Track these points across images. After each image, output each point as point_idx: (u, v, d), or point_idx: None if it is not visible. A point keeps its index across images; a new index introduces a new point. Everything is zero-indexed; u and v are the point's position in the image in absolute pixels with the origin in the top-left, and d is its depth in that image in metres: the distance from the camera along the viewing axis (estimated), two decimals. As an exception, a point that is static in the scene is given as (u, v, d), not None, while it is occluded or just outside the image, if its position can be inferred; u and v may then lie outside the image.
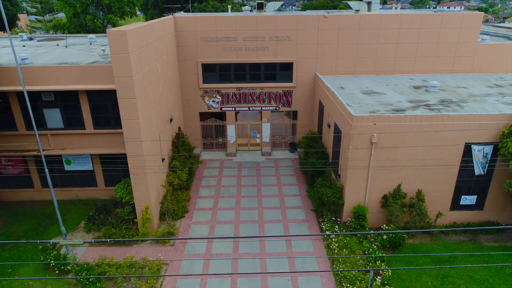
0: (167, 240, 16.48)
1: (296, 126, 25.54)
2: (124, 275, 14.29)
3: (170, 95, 20.92)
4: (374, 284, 13.57)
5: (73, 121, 18.01)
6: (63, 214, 18.23)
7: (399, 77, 23.10)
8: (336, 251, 15.41)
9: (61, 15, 53.14)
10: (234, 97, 24.26)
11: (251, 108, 24.68)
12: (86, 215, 18.33)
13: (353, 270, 13.86)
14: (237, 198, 20.10)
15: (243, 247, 16.31)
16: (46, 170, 14.78)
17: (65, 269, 14.64)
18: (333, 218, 17.24)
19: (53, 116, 18.03)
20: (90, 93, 17.39)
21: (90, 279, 13.69)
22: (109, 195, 19.52)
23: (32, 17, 59.68)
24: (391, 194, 16.42)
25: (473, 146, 15.90)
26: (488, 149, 15.95)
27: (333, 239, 15.93)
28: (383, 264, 14.34)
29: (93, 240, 15.61)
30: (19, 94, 17.27)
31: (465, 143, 15.84)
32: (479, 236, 16.74)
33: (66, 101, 17.64)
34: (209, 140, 25.86)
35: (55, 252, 15.00)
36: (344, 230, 16.54)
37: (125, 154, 15.98)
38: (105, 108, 17.68)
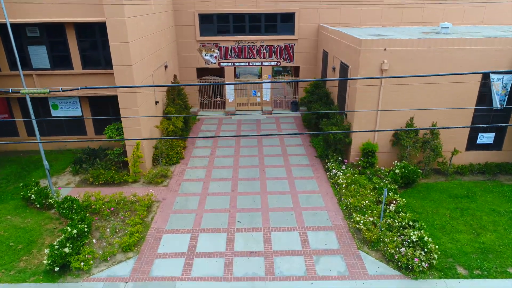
0: (160, 180, 15.18)
1: (297, 84, 24.31)
2: (112, 208, 12.99)
3: (164, 41, 19.69)
4: (388, 211, 12.27)
5: (60, 60, 16.77)
6: (50, 161, 16.94)
7: (407, 28, 21.89)
8: (344, 186, 14.11)
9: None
10: (233, 51, 23.05)
11: (250, 63, 23.45)
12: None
13: (363, 200, 12.59)
14: (236, 147, 18.83)
15: (243, 186, 15.02)
16: (31, 110, 13.39)
17: (47, 203, 13.34)
18: (339, 158, 15.95)
19: (39, 55, 16.80)
20: (78, 28, 16.16)
21: (74, 209, 12.38)
22: (100, 145, 18.23)
23: None
24: (402, 133, 15.14)
25: (492, 75, 14.66)
26: (508, 78, 14.71)
27: (340, 177, 14.64)
28: (396, 195, 13.05)
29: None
30: (2, 28, 16.04)
31: (483, 71, 14.58)
32: (498, 176, 15.46)
33: (53, 36, 16.41)
34: (207, 99, 24.61)
35: (36, 188, 13.71)
36: (352, 170, 15.25)
37: (116, 97, 14.81)
38: (95, 45, 16.45)
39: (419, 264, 10.00)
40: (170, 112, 18.48)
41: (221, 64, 23.39)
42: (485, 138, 15.81)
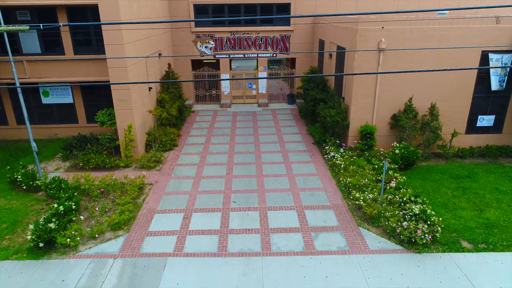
0: (152, 164, 14.71)
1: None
2: (102, 190, 12.48)
3: (158, 30, 19.39)
4: (388, 187, 11.86)
5: (51, 45, 16.40)
6: (39, 149, 16.44)
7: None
8: (342, 167, 13.71)
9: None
10: (228, 42, 22.80)
11: (246, 55, 23.20)
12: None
13: (362, 179, 12.17)
14: (231, 136, 18.42)
15: (238, 170, 14.58)
16: (21, 97, 12.96)
17: (34, 184, 12.81)
18: (337, 141, 15.58)
19: (30, 40, 16.41)
20: (70, 11, 15.83)
21: (62, 188, 11.86)
22: (91, 132, 17.76)
23: None
24: (401, 111, 14.85)
25: (491, 55, 14.45)
26: (507, 58, 14.50)
27: (337, 159, 14.25)
28: (396, 174, 12.65)
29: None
30: (-10, 9, 15.67)
31: (482, 51, 14.38)
32: (499, 159, 15.13)
33: (44, 20, 16.01)
34: (202, 91, 24.26)
35: (23, 171, 13.18)
36: (350, 153, 14.86)
37: (109, 82, 14.43)
38: (87, 29, 16.09)
39: (422, 237, 9.57)
40: (164, 99, 18.09)
41: (217, 56, 23.11)
42: (485, 120, 15.53)
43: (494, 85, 14.82)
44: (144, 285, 8.70)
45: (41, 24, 5.49)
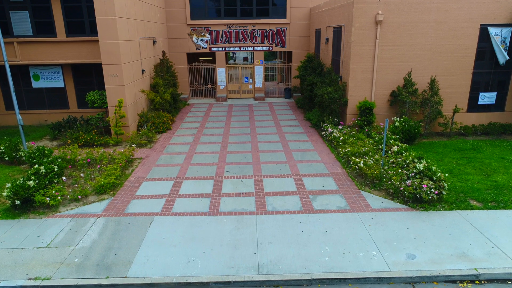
0: (144, 142, 14.13)
1: (290, 70, 23.80)
2: (88, 160, 11.84)
3: (153, 17, 19.22)
4: (390, 153, 11.27)
5: (43, 26, 16.10)
6: (28, 133, 15.89)
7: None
8: (341, 139, 13.15)
9: None
10: (224, 35, 22.66)
11: (242, 48, 23.01)
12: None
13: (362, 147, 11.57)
14: (226, 122, 17.91)
15: (233, 147, 13.99)
16: (11, 82, 12.50)
17: (17, 155, 12.17)
18: (335, 119, 15.08)
19: (21, 21, 16.13)
20: (63, -10, 15.66)
21: (46, 155, 11.21)
22: (81, 116, 17.23)
23: None
24: (401, 87, 14.44)
25: (490, 29, 14.20)
26: (507, 32, 14.25)
27: (336, 133, 13.71)
28: (397, 143, 12.07)
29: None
30: (-18, -12, 15.49)
31: (481, 24, 14.14)
32: (503, 136, 14.62)
33: (36, 1, 15.83)
34: (198, 86, 23.92)
35: (7, 143, 12.55)
36: (349, 129, 14.34)
37: (101, 65, 14.05)
38: (80, 11, 15.86)
39: (428, 192, 8.92)
40: (158, 83, 17.69)
41: (212, 48, 22.92)
42: (487, 98, 15.11)
43: (502, 58, 14.39)
44: (127, 240, 7.97)
45: None
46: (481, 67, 14.70)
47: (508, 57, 14.22)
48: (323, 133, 14.76)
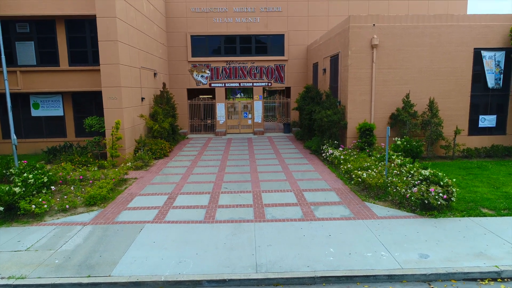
0: (140, 164, 13.76)
1: (289, 105, 24.02)
2: (81, 177, 11.42)
3: (155, 51, 19.81)
4: (393, 165, 10.86)
5: (47, 56, 16.50)
6: (21, 159, 15.55)
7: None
8: (341, 157, 12.80)
9: None
10: (224, 71, 23.21)
11: (241, 84, 23.45)
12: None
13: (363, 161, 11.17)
14: (225, 150, 17.66)
15: (231, 168, 13.60)
16: (10, 107, 12.61)
17: (7, 173, 11.74)
18: (336, 142, 14.83)
19: (26, 51, 16.57)
20: (68, 23, 16.25)
21: (36, 168, 10.79)
22: (78, 142, 17.03)
23: None
24: (400, 108, 14.39)
25: (483, 52, 14.50)
26: (500, 55, 14.53)
27: (336, 154, 13.38)
28: (400, 157, 11.70)
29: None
30: (-9, 20, 16.07)
31: (474, 48, 14.46)
32: (507, 159, 14.28)
33: (42, 32, 16.38)
34: (197, 121, 23.99)
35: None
36: (350, 151, 14.04)
37: (101, 93, 14.34)
38: (84, 41, 16.33)
39: (436, 197, 8.42)
40: (157, 112, 17.71)
41: (212, 84, 23.34)
42: (487, 121, 15.01)
43: (490, 82, 14.62)
44: (114, 244, 7.34)
45: None
46: (478, 89, 14.79)
47: (494, 85, 14.43)
48: (323, 155, 14.45)
